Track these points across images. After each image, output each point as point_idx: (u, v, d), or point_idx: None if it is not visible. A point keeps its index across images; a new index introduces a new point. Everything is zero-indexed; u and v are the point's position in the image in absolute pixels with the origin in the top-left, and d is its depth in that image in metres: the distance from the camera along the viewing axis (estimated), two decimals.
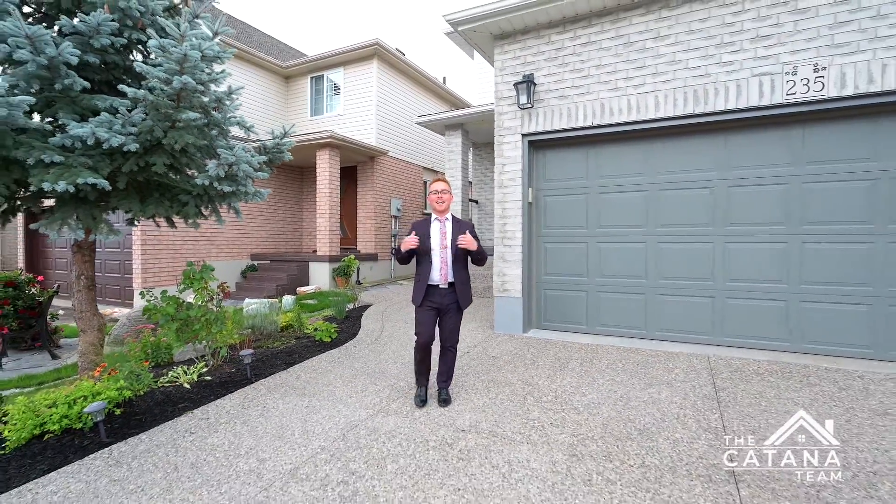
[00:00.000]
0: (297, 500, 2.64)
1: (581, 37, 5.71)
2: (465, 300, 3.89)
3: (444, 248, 3.78)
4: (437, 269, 3.78)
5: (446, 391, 4.00)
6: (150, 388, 4.41)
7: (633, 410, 3.74)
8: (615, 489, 2.66)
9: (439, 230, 3.81)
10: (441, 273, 3.78)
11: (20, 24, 3.30)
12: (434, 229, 3.82)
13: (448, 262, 3.79)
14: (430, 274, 3.79)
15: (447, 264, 3.79)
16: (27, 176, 3.63)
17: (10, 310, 5.91)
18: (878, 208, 4.61)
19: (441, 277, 3.78)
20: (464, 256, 3.87)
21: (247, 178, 4.35)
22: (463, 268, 3.88)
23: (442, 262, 3.78)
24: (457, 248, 3.76)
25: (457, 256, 3.81)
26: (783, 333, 5.01)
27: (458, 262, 3.84)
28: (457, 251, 3.78)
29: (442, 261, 3.78)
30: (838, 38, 4.49)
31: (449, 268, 3.80)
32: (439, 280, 3.79)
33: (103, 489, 2.82)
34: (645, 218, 5.67)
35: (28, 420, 3.47)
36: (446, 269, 3.79)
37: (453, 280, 3.82)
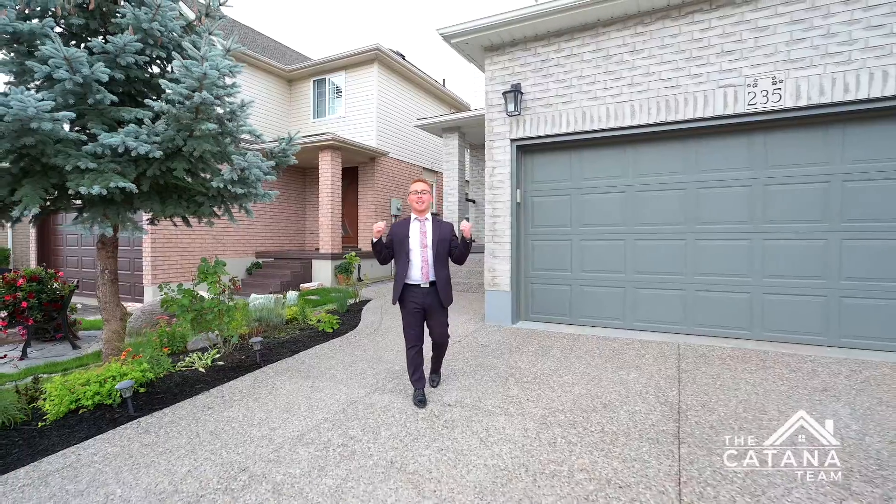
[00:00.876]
0: (304, 458, 3.10)
1: (564, 49, 6.16)
2: (447, 298, 3.94)
3: (425, 248, 3.85)
4: (417, 267, 3.85)
5: (438, 374, 4.29)
6: (169, 371, 4.88)
7: (602, 389, 4.20)
8: (574, 449, 3.12)
9: (419, 230, 3.88)
10: (422, 272, 3.84)
11: (59, 48, 3.76)
12: (414, 229, 3.89)
13: (429, 261, 3.85)
14: (409, 273, 3.87)
15: (428, 263, 3.85)
16: (64, 180, 4.11)
17: (34, 302, 6.38)
18: (832, 208, 5.06)
19: (422, 276, 3.84)
20: (445, 255, 3.93)
21: (257, 181, 4.82)
22: (444, 266, 3.94)
23: (423, 262, 3.84)
24: (438, 247, 3.85)
25: (438, 255, 3.87)
26: (747, 323, 5.47)
27: (440, 261, 3.89)
28: (438, 250, 3.86)
29: (423, 260, 3.84)
30: (794, 53, 4.94)
31: (430, 267, 3.86)
32: (420, 279, 3.85)
33: (136, 451, 3.29)
34: (623, 217, 6.12)
35: (65, 396, 3.94)
36: (427, 267, 3.85)
37: (435, 279, 3.89)
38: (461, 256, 3.95)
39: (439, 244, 3.87)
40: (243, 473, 2.94)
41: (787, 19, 4.96)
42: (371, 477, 2.85)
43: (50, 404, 3.89)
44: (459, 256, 3.95)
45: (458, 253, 3.94)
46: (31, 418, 3.87)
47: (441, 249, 3.88)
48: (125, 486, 2.84)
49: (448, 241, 3.93)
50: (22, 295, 6.32)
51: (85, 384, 4.06)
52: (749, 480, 2.70)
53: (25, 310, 6.30)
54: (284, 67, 14.57)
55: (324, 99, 14.82)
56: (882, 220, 4.86)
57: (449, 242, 3.93)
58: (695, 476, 2.76)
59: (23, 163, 4.01)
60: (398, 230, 3.94)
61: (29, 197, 3.87)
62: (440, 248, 3.87)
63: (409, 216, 3.97)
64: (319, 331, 6.52)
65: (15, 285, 6.32)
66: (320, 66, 14.34)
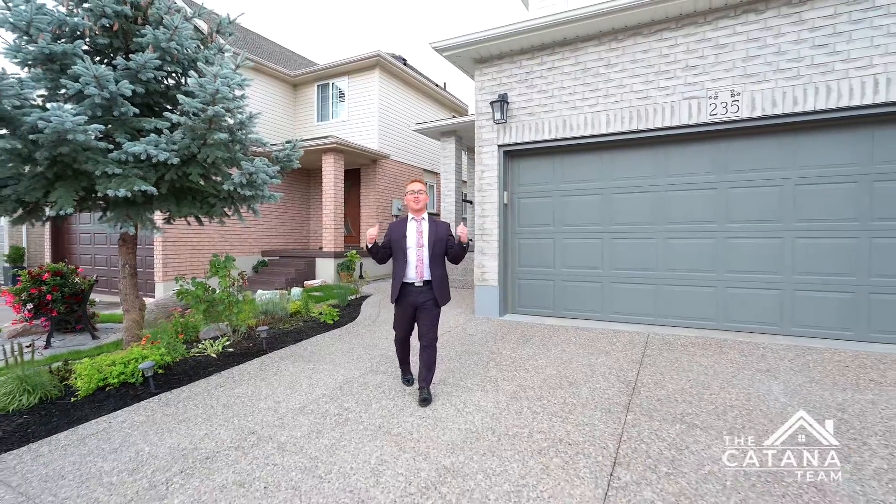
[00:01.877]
0: (304, 424, 3.62)
1: (546, 63, 6.66)
2: (442, 297, 3.97)
3: (421, 247, 3.89)
4: (412, 266, 3.89)
5: (427, 390, 3.98)
6: (184, 356, 5.40)
7: (571, 370, 4.70)
8: (537, 416, 3.63)
9: (416, 229, 3.93)
10: (417, 271, 3.88)
11: (90, 67, 4.29)
12: (410, 228, 3.94)
13: (424, 260, 3.89)
14: (405, 272, 3.91)
15: (423, 262, 3.89)
16: (92, 184, 4.64)
17: (58, 295, 6.91)
18: (786, 209, 5.54)
19: (417, 275, 3.89)
20: (441, 255, 3.96)
21: (264, 183, 5.34)
22: (440, 266, 3.96)
23: (418, 261, 3.88)
24: (434, 247, 3.89)
25: (434, 255, 3.90)
26: (711, 314, 5.96)
27: (436, 261, 3.92)
28: (434, 249, 3.90)
29: (418, 259, 3.88)
30: (749, 69, 5.43)
31: (425, 266, 3.89)
32: (415, 278, 3.89)
33: (160, 419, 3.82)
34: (600, 217, 6.61)
35: (94, 375, 4.47)
36: (422, 266, 3.89)
37: (430, 278, 3.92)
38: (456, 257, 4.00)
39: (435, 244, 3.91)
40: (252, 436, 3.47)
41: (744, 38, 5.45)
42: (361, 438, 3.37)
43: (81, 382, 4.42)
44: (455, 257, 4.00)
45: (454, 253, 3.98)
46: (64, 394, 4.40)
47: (437, 249, 3.92)
48: (152, 445, 3.37)
49: (444, 240, 3.97)
50: (46, 288, 6.85)
51: (111, 365, 4.59)
52: (679, 439, 3.20)
53: (50, 302, 6.84)
54: (289, 73, 15.11)
55: (327, 103, 15.35)
56: (828, 220, 5.34)
57: (445, 242, 3.98)
58: (634, 436, 3.27)
59: (56, 168, 4.55)
60: (395, 229, 3.98)
61: (63, 198, 4.41)
62: (436, 247, 3.91)
63: (407, 216, 4.03)
64: (321, 322, 7.05)
65: (40, 279, 6.86)
66: (324, 71, 14.87)
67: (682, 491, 2.62)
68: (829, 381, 4.21)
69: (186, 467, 3.04)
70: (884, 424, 3.33)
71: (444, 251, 4.00)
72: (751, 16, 5.42)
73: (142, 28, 5.14)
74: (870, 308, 5.21)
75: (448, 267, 7.80)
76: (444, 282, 4.00)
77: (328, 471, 2.94)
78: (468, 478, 2.81)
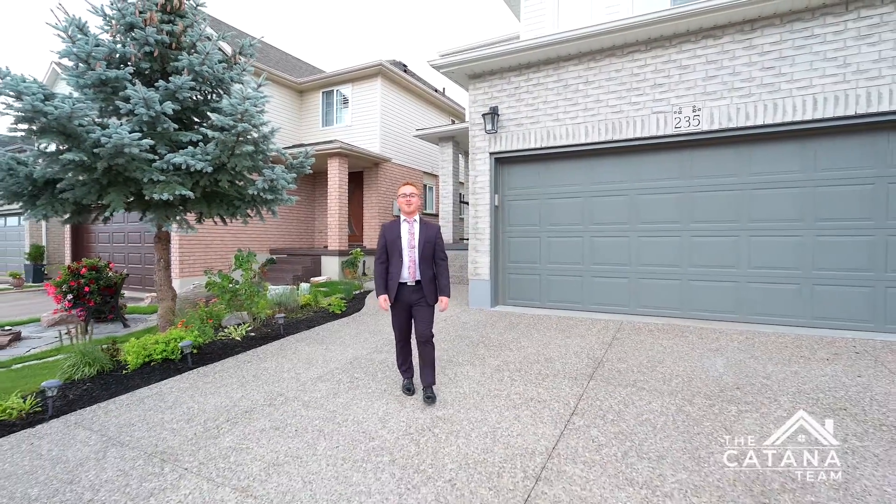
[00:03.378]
0: (322, 389, 4.39)
1: (533, 79, 7.43)
2: (431, 296, 4.09)
3: (412, 248, 4.03)
4: (406, 267, 4.02)
5: (431, 388, 4.09)
6: (212, 339, 6.17)
7: (548, 350, 5.46)
8: (514, 383, 4.39)
9: (408, 231, 4.06)
10: (409, 271, 4.02)
11: (139, 90, 5.07)
12: (403, 230, 4.07)
13: (416, 260, 4.02)
14: (400, 271, 4.04)
15: (415, 262, 4.02)
16: (139, 189, 5.42)
17: (94, 288, 7.70)
18: (742, 210, 6.30)
19: (409, 275, 4.02)
20: (430, 256, 4.10)
21: (283, 188, 6.12)
22: (429, 266, 4.09)
23: (410, 261, 4.02)
24: (424, 248, 4.04)
25: (423, 256, 4.04)
26: (677, 304, 6.71)
27: (425, 262, 4.05)
28: (423, 251, 4.04)
29: (410, 259, 4.02)
30: (709, 87, 6.19)
31: (416, 266, 4.02)
32: (408, 278, 4.02)
33: (201, 386, 4.59)
34: (581, 217, 7.37)
35: (141, 352, 5.24)
36: (414, 267, 4.02)
37: (420, 278, 4.05)
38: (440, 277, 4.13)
39: (425, 245, 4.04)
40: (281, 397, 4.24)
41: (703, 60, 6.21)
42: (370, 398, 4.14)
43: (130, 357, 5.19)
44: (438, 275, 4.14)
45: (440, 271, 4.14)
46: (115, 368, 5.17)
47: (427, 251, 4.05)
48: (199, 404, 4.14)
49: (434, 242, 4.11)
50: (84, 281, 7.64)
51: (155, 343, 5.35)
52: (627, 398, 3.97)
53: (87, 293, 7.63)
54: (296, 80, 15.89)
55: (332, 109, 16.13)
56: (778, 220, 6.09)
57: (434, 244, 4.12)
58: (591, 396, 4.03)
59: (108, 176, 5.32)
60: (390, 231, 4.12)
61: (116, 201, 5.19)
62: (426, 249, 4.04)
63: (399, 217, 4.19)
64: (330, 312, 7.82)
65: (78, 273, 7.64)
66: (329, 79, 15.65)
67: (621, 431, 3.38)
68: (765, 357, 4.96)
69: (231, 418, 3.81)
70: (797, 388, 4.09)
71: (433, 253, 4.11)
72: (710, 41, 6.18)
73: (176, 52, 5.92)
74: (812, 297, 5.96)
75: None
76: (432, 282, 4.12)
77: (344, 419, 3.71)
78: (455, 423, 3.58)
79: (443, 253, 4.18)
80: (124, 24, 5.58)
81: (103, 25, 5.86)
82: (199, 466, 3.06)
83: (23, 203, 5.56)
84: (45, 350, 6.74)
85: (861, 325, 5.70)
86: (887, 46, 5.30)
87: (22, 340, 7.43)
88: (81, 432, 3.65)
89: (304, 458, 3.12)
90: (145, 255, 13.36)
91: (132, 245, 13.79)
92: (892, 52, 5.28)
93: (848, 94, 5.48)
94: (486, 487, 2.72)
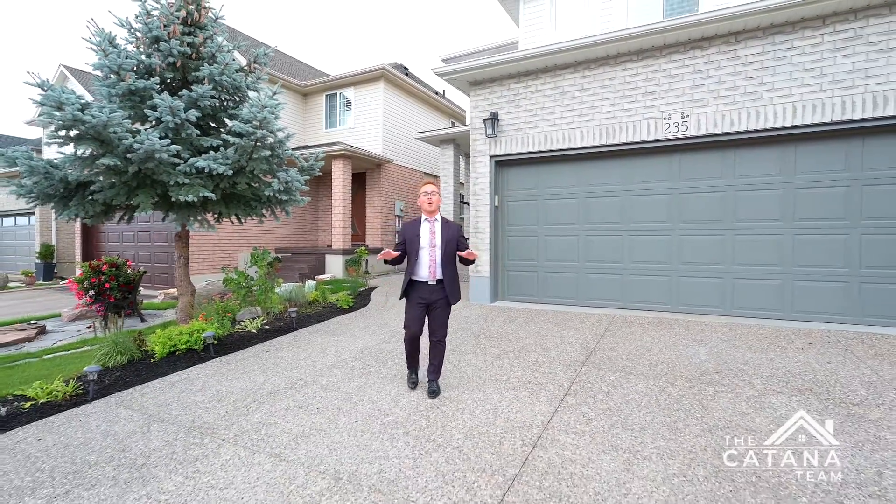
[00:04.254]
0: (338, 374, 4.79)
1: (531, 86, 7.84)
2: (454, 296, 4.10)
3: (434, 247, 4.00)
4: (425, 266, 4.01)
5: (436, 383, 4.20)
6: (230, 332, 6.57)
7: (545, 340, 5.87)
8: (514, 369, 4.80)
9: (429, 230, 4.04)
10: (430, 270, 4.00)
11: (166, 99, 5.47)
12: (424, 229, 4.04)
13: (437, 259, 4.00)
14: (418, 270, 4.04)
15: (436, 262, 4.00)
16: (165, 191, 5.82)
17: (115, 284, 8.09)
18: (727, 211, 6.71)
19: (430, 274, 4.01)
20: (452, 254, 4.07)
21: (296, 190, 6.52)
22: (451, 265, 4.07)
23: (431, 260, 4.00)
24: (446, 247, 4.02)
25: (445, 254, 4.01)
26: (667, 299, 7.13)
27: (447, 260, 4.02)
28: (446, 249, 4.02)
29: (431, 259, 3.99)
30: (696, 95, 6.60)
31: (438, 265, 4.01)
32: (428, 277, 4.01)
33: (225, 372, 4.99)
34: (577, 218, 7.78)
35: (166, 342, 5.63)
36: (435, 266, 4.00)
37: (442, 277, 4.04)
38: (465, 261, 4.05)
39: (447, 244, 4.04)
40: (300, 381, 4.64)
41: (691, 70, 6.63)
42: (382, 382, 4.54)
43: (157, 347, 5.58)
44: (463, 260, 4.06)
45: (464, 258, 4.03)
46: (143, 357, 5.57)
47: (449, 249, 4.05)
48: (226, 387, 4.54)
49: (455, 241, 4.11)
50: (104, 278, 8.03)
51: (179, 334, 5.75)
52: (616, 381, 4.38)
53: (108, 289, 8.02)
54: (300, 83, 16.29)
55: (335, 111, 16.53)
56: (761, 220, 6.51)
57: (456, 242, 4.12)
58: (583, 379, 4.45)
59: (137, 179, 5.73)
60: (409, 230, 4.11)
61: (144, 202, 5.61)
62: (448, 247, 4.04)
63: (420, 216, 4.15)
64: (338, 307, 8.23)
65: (99, 270, 8.04)
66: (332, 82, 16.05)
67: (608, 408, 3.79)
68: (745, 346, 5.38)
69: (257, 398, 4.22)
70: (770, 373, 4.50)
71: (455, 251, 4.11)
72: (697, 52, 6.59)
73: (196, 62, 6.32)
74: (792, 292, 6.38)
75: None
76: (454, 281, 4.12)
77: (360, 399, 4.12)
78: (461, 402, 3.99)
79: (466, 246, 4.18)
80: (150, 38, 5.98)
81: (128, 37, 6.26)
82: (235, 438, 3.47)
83: (55, 204, 5.97)
84: (70, 342, 7.14)
85: (836, 317, 6.12)
86: (860, 59, 5.71)
87: (47, 334, 7.82)
88: (124, 411, 4.05)
89: (327, 431, 3.53)
90: (155, 253, 13.76)
91: (142, 244, 14.17)
92: (865, 63, 5.70)
93: (825, 102, 5.89)
94: (489, 452, 3.14)
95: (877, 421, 3.43)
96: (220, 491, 2.79)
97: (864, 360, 4.76)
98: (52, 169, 5.59)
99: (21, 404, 4.23)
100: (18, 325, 7.82)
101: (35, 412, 4.09)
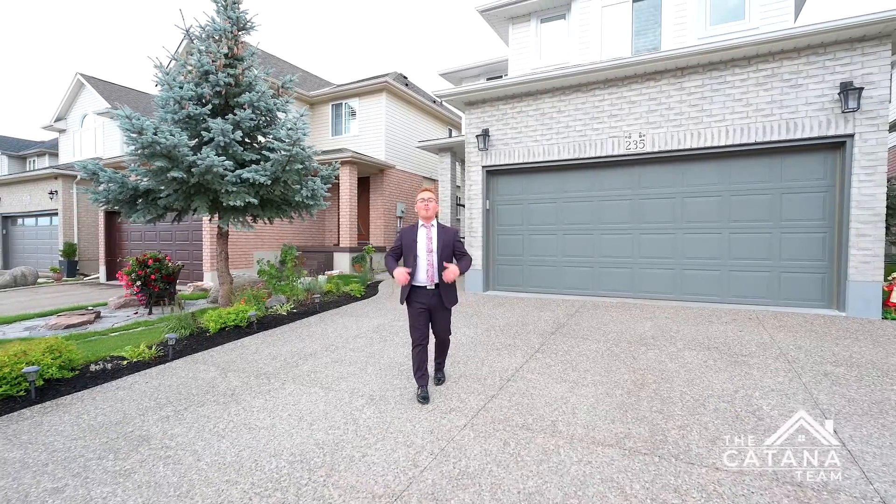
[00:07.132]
0: (361, 342, 6.14)
1: (517, 107, 9.22)
2: (450, 300, 4.17)
3: (430, 252, 4.04)
4: (423, 271, 4.06)
5: (442, 372, 4.61)
6: (265, 314, 7.90)
7: (525, 319, 7.24)
8: (498, 337, 6.17)
9: (426, 235, 4.10)
10: (427, 275, 4.05)
11: (219, 122, 6.79)
12: (421, 235, 4.10)
13: (434, 264, 4.03)
14: (416, 275, 4.08)
15: (433, 267, 4.03)
16: (216, 197, 7.15)
17: (158, 276, 9.41)
18: (677, 214, 8.10)
19: (427, 279, 4.05)
20: (449, 259, 4.11)
21: (321, 196, 7.87)
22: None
23: (428, 265, 4.04)
24: (442, 252, 4.06)
25: (442, 260, 4.06)
26: (629, 287, 8.51)
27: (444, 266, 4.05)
28: (442, 255, 4.06)
29: (428, 264, 4.04)
30: (651, 118, 7.99)
31: (435, 270, 4.03)
32: (426, 281, 4.06)
33: (270, 342, 6.33)
34: (556, 219, 9.16)
35: (218, 320, 6.95)
36: (432, 271, 4.04)
37: (438, 282, 4.07)
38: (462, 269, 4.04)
39: (443, 249, 4.08)
40: (332, 346, 5.99)
41: (647, 97, 8.02)
42: (396, 346, 5.90)
43: (211, 324, 6.89)
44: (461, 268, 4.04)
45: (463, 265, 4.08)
46: (199, 332, 6.89)
47: (445, 254, 4.08)
48: (275, 350, 5.88)
49: (452, 246, 4.16)
50: (150, 270, 9.35)
51: (228, 314, 7.07)
52: (575, 344, 5.76)
53: (153, 280, 9.34)
54: (307, 93, 17.59)
55: (340, 120, 17.85)
56: (703, 221, 7.89)
57: (453, 247, 4.17)
58: (550, 343, 5.82)
59: (194, 188, 7.05)
60: (407, 235, 4.16)
61: (201, 206, 6.93)
62: (444, 252, 4.07)
63: (417, 222, 4.20)
64: (352, 296, 9.58)
65: (145, 263, 9.35)
66: (338, 92, 17.38)
67: (565, 360, 5.16)
68: (683, 321, 6.76)
69: (301, 357, 5.57)
70: (692, 338, 5.87)
71: (451, 256, 4.15)
72: (651, 83, 7.98)
73: (237, 90, 7.65)
74: (729, 280, 7.77)
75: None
76: (451, 285, 4.16)
77: (381, 356, 5.47)
78: (457, 358, 5.34)
79: (463, 250, 4.25)
80: (201, 72, 7.30)
81: (179, 68, 7.59)
82: (294, 379, 4.82)
83: (122, 207, 7.29)
84: (126, 324, 8.44)
85: (761, 300, 7.52)
86: (776, 92, 7.11)
87: (101, 319, 9.12)
88: (202, 366, 5.39)
89: (359, 375, 4.88)
90: (177, 251, 15.04)
91: (164, 242, 15.44)
92: (780, 96, 7.09)
93: (750, 126, 7.29)
94: (476, 383, 4.50)
95: (753, 364, 4.82)
96: (294, 406, 4.13)
97: (768, 330, 6.15)
98: (126, 180, 6.91)
99: (119, 362, 5.56)
100: (78, 310, 9.11)
101: (132, 367, 5.42)
